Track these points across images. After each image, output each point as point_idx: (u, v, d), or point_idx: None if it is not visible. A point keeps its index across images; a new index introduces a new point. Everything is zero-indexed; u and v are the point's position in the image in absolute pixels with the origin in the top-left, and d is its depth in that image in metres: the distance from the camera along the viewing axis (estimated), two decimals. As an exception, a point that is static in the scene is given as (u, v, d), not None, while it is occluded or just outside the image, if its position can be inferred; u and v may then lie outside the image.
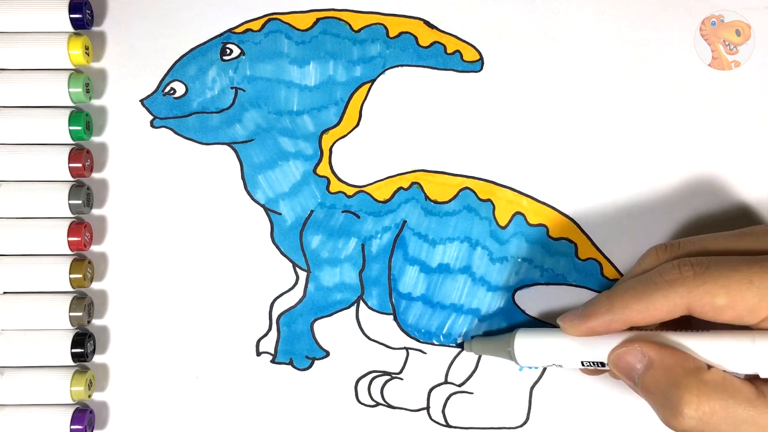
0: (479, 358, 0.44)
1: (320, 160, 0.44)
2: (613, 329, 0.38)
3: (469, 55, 0.44)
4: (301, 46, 0.44)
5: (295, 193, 0.44)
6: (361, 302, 0.44)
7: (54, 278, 0.43)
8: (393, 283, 0.44)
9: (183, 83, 0.44)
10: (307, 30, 0.44)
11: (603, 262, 0.44)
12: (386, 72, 0.44)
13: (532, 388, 0.44)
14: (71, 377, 0.43)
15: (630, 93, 0.44)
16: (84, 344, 0.43)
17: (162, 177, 0.44)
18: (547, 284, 0.44)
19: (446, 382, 0.45)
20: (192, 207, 0.44)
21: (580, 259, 0.44)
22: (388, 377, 0.45)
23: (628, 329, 0.39)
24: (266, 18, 0.44)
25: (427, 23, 0.44)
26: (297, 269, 0.44)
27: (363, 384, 0.45)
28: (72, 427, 0.43)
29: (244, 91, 0.44)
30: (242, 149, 0.44)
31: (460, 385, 0.45)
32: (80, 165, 0.43)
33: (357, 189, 0.44)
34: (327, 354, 0.45)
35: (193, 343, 0.45)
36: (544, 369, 0.44)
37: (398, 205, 0.44)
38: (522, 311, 0.44)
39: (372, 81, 0.44)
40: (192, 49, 0.44)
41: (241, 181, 0.44)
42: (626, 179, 0.44)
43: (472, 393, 0.45)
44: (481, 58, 0.44)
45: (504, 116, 0.44)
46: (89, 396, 0.44)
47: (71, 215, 0.43)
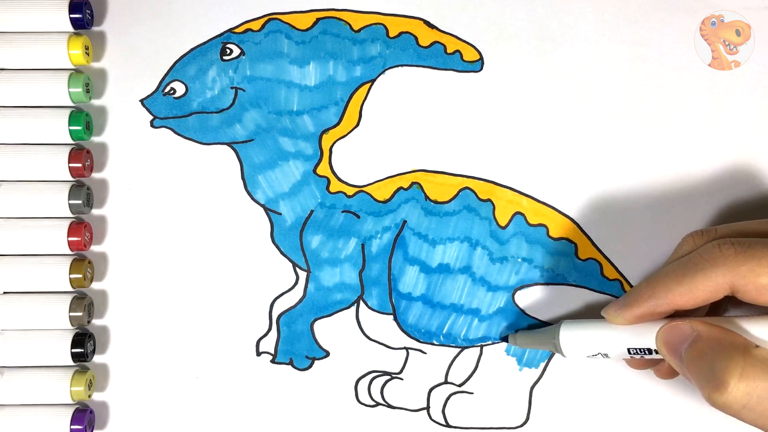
0: (479, 358, 0.44)
1: (320, 160, 0.44)
2: (658, 314, 0.38)
3: (469, 55, 0.44)
4: (301, 46, 0.44)
5: (295, 193, 0.44)
6: (361, 302, 0.44)
7: (54, 278, 0.43)
8: (393, 283, 0.44)
9: (183, 83, 0.44)
10: (307, 30, 0.44)
11: (603, 262, 0.44)
12: (386, 72, 0.44)
13: (532, 388, 0.44)
14: (71, 377, 0.43)
15: (630, 93, 0.44)
16: (84, 344, 0.43)
17: (162, 177, 0.44)
18: (547, 284, 0.44)
19: (446, 382, 0.45)
20: (192, 207, 0.44)
21: (580, 259, 0.44)
22: (388, 377, 0.45)
23: (672, 315, 0.38)
24: (266, 18, 0.44)
25: (427, 23, 0.44)
26: (297, 269, 0.44)
27: (363, 384, 0.45)
28: (72, 427, 0.43)
29: (244, 91, 0.44)
30: (242, 149, 0.44)
31: (460, 385, 0.45)
32: (80, 165, 0.43)
33: (357, 189, 0.44)
34: (327, 354, 0.45)
35: (193, 343, 0.45)
36: (544, 369, 0.44)
37: (398, 205, 0.44)
38: (522, 311, 0.44)
39: (372, 81, 0.44)
40: (192, 49, 0.44)
41: (241, 181, 0.44)
42: (626, 179, 0.44)
43: (472, 393, 0.45)
44: (481, 58, 0.44)
45: (504, 116, 0.44)
46: (89, 396, 0.44)
47: (71, 215, 0.43)
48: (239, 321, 0.44)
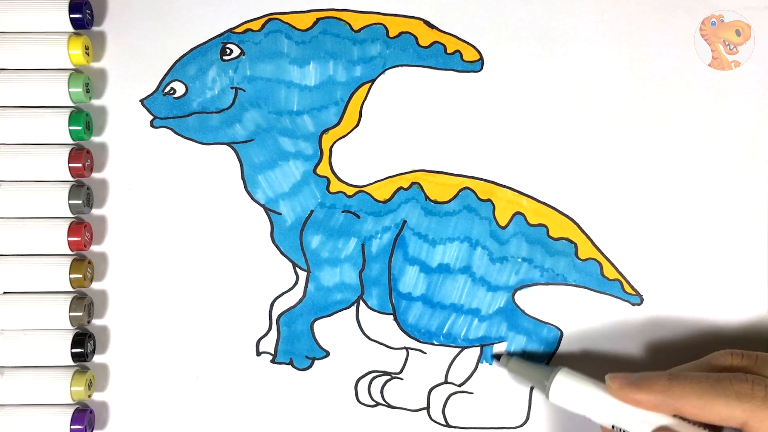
0: (479, 358, 0.44)
1: (320, 160, 0.44)
2: (660, 411, 0.38)
3: (469, 55, 0.44)
4: (301, 46, 0.44)
5: (295, 193, 0.44)
6: (361, 302, 0.44)
7: (54, 278, 0.43)
8: (393, 283, 0.44)
9: (183, 83, 0.44)
10: (307, 30, 0.44)
11: (603, 262, 0.44)
12: (386, 72, 0.44)
13: (532, 388, 0.44)
14: (71, 377, 0.43)
15: (630, 93, 0.44)
16: (84, 344, 0.43)
17: (162, 177, 0.44)
18: (547, 284, 0.44)
19: (446, 382, 0.45)
20: (192, 207, 0.44)
21: (580, 259, 0.44)
22: (388, 377, 0.45)
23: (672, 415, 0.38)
24: (266, 18, 0.44)
25: (427, 23, 0.44)
26: (297, 269, 0.44)
27: (363, 384, 0.45)
28: (72, 427, 0.43)
29: (244, 91, 0.44)
30: (242, 149, 0.44)
31: (460, 385, 0.45)
32: (80, 165, 0.43)
33: (357, 189, 0.44)
34: (327, 354, 0.45)
35: (193, 343, 0.45)
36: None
37: (398, 205, 0.44)
38: (522, 311, 0.44)
39: (372, 81, 0.44)
40: (192, 49, 0.44)
41: (241, 181, 0.44)
42: (626, 179, 0.44)
43: (472, 393, 0.45)
44: (481, 58, 0.44)
45: (504, 116, 0.44)
46: (89, 396, 0.44)
47: (71, 215, 0.43)
48: (239, 321, 0.44)
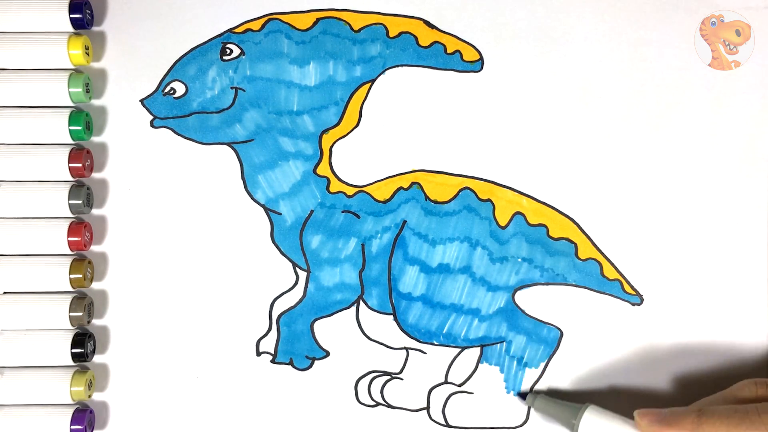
0: (479, 358, 0.44)
1: (320, 160, 0.44)
2: None
3: (469, 55, 0.44)
4: (301, 46, 0.44)
5: (295, 193, 0.44)
6: (361, 302, 0.44)
7: (54, 278, 0.43)
8: (393, 283, 0.44)
9: (183, 83, 0.44)
10: (307, 30, 0.44)
11: (603, 262, 0.44)
12: (386, 72, 0.44)
13: (532, 388, 0.44)
14: (71, 377, 0.43)
15: (630, 93, 0.44)
16: (84, 344, 0.43)
17: (162, 177, 0.44)
18: (547, 284, 0.44)
19: (446, 382, 0.45)
20: (192, 207, 0.44)
21: (580, 259, 0.44)
22: (388, 377, 0.45)
23: None
24: (266, 18, 0.44)
25: (427, 23, 0.44)
26: (297, 269, 0.44)
27: (363, 384, 0.45)
28: (72, 427, 0.43)
29: (244, 91, 0.44)
30: (242, 149, 0.44)
31: (460, 385, 0.45)
32: (80, 165, 0.43)
33: (357, 189, 0.44)
34: (327, 354, 0.45)
35: (193, 343, 0.45)
36: (544, 369, 0.44)
37: (398, 205, 0.44)
38: (522, 311, 0.44)
39: (372, 81, 0.44)
40: (192, 49, 0.44)
41: (241, 181, 0.44)
42: (626, 179, 0.44)
43: (472, 393, 0.45)
44: (481, 58, 0.44)
45: (504, 116, 0.44)
46: (89, 396, 0.44)
47: (71, 215, 0.43)
48: (239, 321, 0.44)
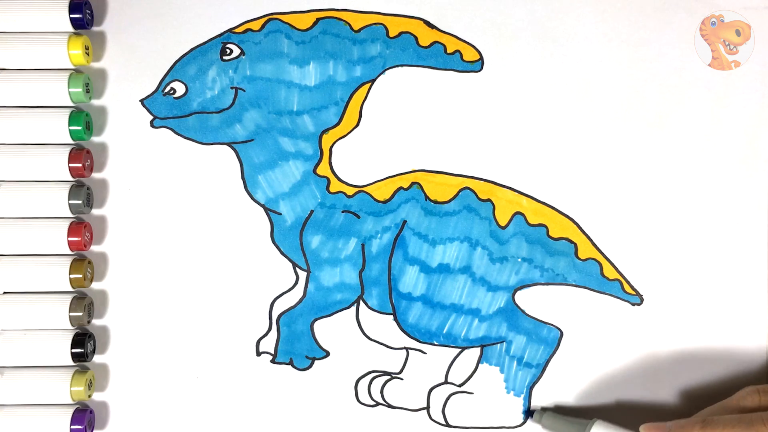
0: (479, 358, 0.44)
1: (320, 160, 0.44)
2: None
3: (469, 55, 0.44)
4: (301, 46, 0.44)
5: (295, 193, 0.44)
6: (361, 302, 0.44)
7: (54, 278, 0.43)
8: (393, 283, 0.44)
9: (183, 83, 0.44)
10: (307, 30, 0.44)
11: (603, 262, 0.44)
12: (386, 72, 0.44)
13: (531, 388, 0.44)
14: (71, 377, 0.43)
15: (630, 93, 0.44)
16: (84, 344, 0.43)
17: (162, 177, 0.44)
18: (547, 284, 0.44)
19: (446, 382, 0.45)
20: (192, 207, 0.44)
21: (580, 259, 0.44)
22: (388, 377, 0.45)
23: None
24: (266, 18, 0.44)
25: (427, 23, 0.44)
26: (297, 269, 0.44)
27: (363, 384, 0.45)
28: (72, 427, 0.43)
29: (244, 91, 0.44)
30: (242, 149, 0.44)
31: (460, 385, 0.45)
32: (80, 165, 0.43)
33: (357, 189, 0.44)
34: (327, 354, 0.45)
35: (193, 343, 0.45)
36: (544, 369, 0.44)
37: (398, 205, 0.44)
38: (522, 311, 0.44)
39: (372, 81, 0.44)
40: (192, 49, 0.44)
41: (241, 181, 0.44)
42: (626, 179, 0.44)
43: (472, 393, 0.45)
44: (481, 58, 0.44)
45: (504, 116, 0.44)
46: (89, 396, 0.44)
47: (71, 215, 0.43)
48: (239, 321, 0.44)
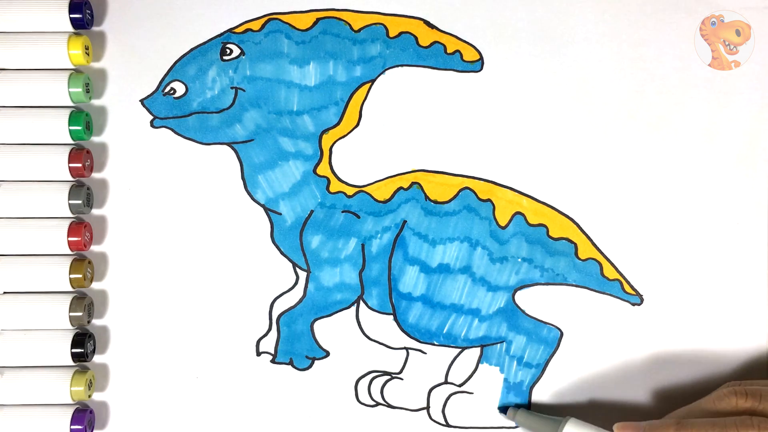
0: (479, 358, 0.44)
1: (320, 160, 0.44)
2: None
3: (469, 55, 0.44)
4: (301, 46, 0.44)
5: (295, 193, 0.44)
6: (361, 302, 0.44)
7: (54, 278, 0.43)
8: (393, 283, 0.44)
9: (183, 83, 0.44)
10: (307, 30, 0.44)
11: (603, 262, 0.44)
12: (386, 72, 0.44)
13: (531, 388, 0.44)
14: (71, 377, 0.43)
15: (630, 93, 0.44)
16: (84, 344, 0.43)
17: (162, 177, 0.44)
18: (547, 284, 0.44)
19: (446, 382, 0.45)
20: (192, 207, 0.44)
21: (580, 259, 0.44)
22: (388, 377, 0.45)
23: None
24: (266, 18, 0.44)
25: (427, 23, 0.44)
26: (297, 269, 0.44)
27: (363, 384, 0.45)
28: (72, 427, 0.43)
29: (244, 91, 0.44)
30: (242, 149, 0.44)
31: (460, 385, 0.45)
32: (80, 165, 0.43)
33: (357, 189, 0.44)
34: (327, 354, 0.45)
35: (193, 343, 0.45)
36: (544, 369, 0.44)
37: (398, 205, 0.44)
38: (522, 311, 0.44)
39: (372, 81, 0.44)
40: (192, 49, 0.44)
41: (241, 181, 0.44)
42: (626, 179, 0.44)
43: (472, 393, 0.45)
44: (481, 58, 0.44)
45: (504, 116, 0.44)
46: (89, 396, 0.44)
47: (71, 215, 0.43)
48: (239, 321, 0.44)
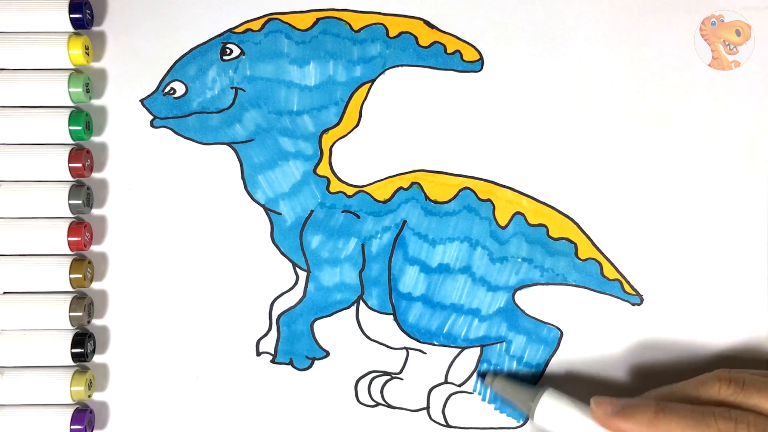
0: (479, 358, 0.44)
1: (320, 160, 0.44)
2: None
3: (469, 55, 0.44)
4: (301, 46, 0.44)
5: (295, 193, 0.44)
6: (361, 302, 0.44)
7: (54, 278, 0.43)
8: (393, 283, 0.44)
9: (183, 83, 0.44)
10: (307, 30, 0.44)
11: (603, 262, 0.44)
12: (386, 72, 0.44)
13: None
14: (71, 377, 0.43)
15: (630, 93, 0.44)
16: (84, 344, 0.43)
17: (162, 177, 0.44)
18: (547, 284, 0.44)
19: (446, 382, 0.45)
20: (192, 207, 0.44)
21: (580, 259, 0.44)
22: (388, 377, 0.45)
23: None
24: (266, 18, 0.44)
25: (427, 23, 0.44)
26: (297, 269, 0.44)
27: (363, 384, 0.45)
28: (72, 427, 0.43)
29: (244, 91, 0.44)
30: (242, 149, 0.44)
31: (460, 385, 0.45)
32: (80, 165, 0.43)
33: (357, 189, 0.44)
34: (327, 354, 0.45)
35: (193, 343, 0.45)
36: (544, 369, 0.44)
37: (398, 205, 0.44)
38: (522, 311, 0.44)
39: (372, 81, 0.44)
40: (192, 49, 0.44)
41: (241, 181, 0.44)
42: (626, 179, 0.44)
43: (472, 393, 0.45)
44: (481, 58, 0.44)
45: (504, 116, 0.44)
46: (89, 396, 0.44)
47: (71, 215, 0.43)
48: (239, 321, 0.44)
